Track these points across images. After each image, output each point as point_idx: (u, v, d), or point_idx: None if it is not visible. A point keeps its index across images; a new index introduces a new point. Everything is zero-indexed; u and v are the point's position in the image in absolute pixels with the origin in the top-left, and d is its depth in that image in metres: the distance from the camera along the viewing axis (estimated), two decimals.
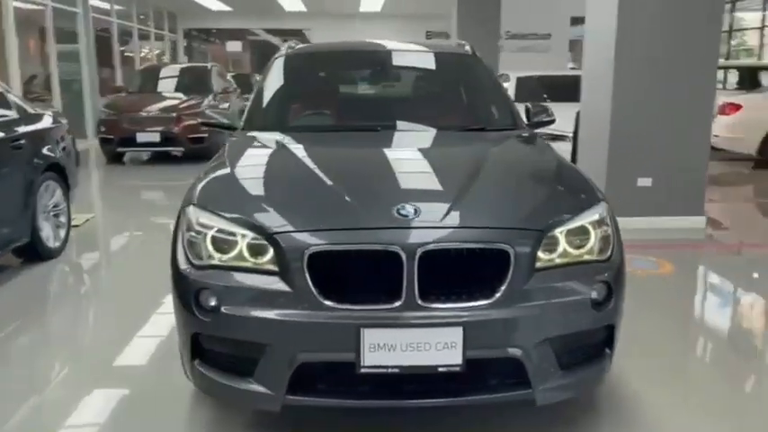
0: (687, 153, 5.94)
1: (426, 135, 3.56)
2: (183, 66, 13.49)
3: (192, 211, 2.59)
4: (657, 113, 5.86)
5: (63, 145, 5.59)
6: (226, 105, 12.42)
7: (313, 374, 2.36)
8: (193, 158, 10.41)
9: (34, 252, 4.96)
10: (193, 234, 2.52)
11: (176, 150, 10.54)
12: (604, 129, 6.00)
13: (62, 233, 5.35)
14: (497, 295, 2.29)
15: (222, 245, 2.45)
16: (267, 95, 3.86)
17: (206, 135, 10.44)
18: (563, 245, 2.45)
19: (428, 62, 4.17)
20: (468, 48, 4.23)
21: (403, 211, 2.38)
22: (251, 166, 3.02)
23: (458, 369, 2.27)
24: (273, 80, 3.96)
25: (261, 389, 2.36)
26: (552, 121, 3.93)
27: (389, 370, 2.27)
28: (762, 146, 9.57)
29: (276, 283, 2.33)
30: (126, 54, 16.65)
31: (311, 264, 2.28)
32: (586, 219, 2.54)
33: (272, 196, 2.62)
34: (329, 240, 2.32)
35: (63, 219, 5.39)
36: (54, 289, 4.77)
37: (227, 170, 2.92)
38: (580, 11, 18.70)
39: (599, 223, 2.56)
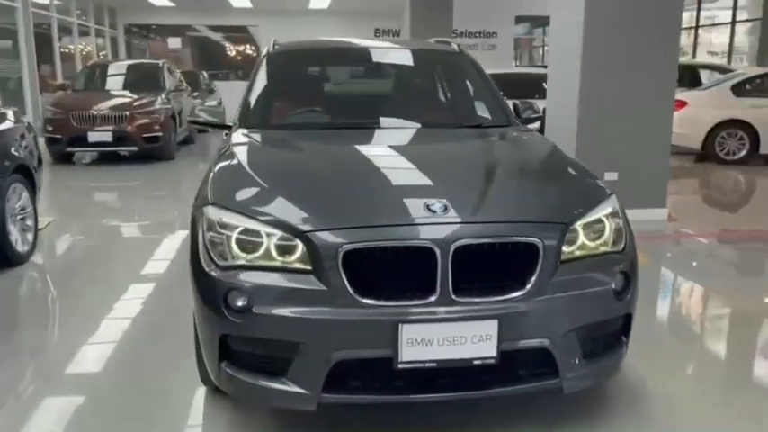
0: (651, 148, 6.19)
1: (430, 132, 3.60)
2: (132, 63, 13.05)
3: (213, 211, 2.54)
4: (623, 111, 6.07)
5: (25, 144, 5.37)
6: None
7: (345, 372, 2.36)
8: (142, 158, 10.19)
9: (3, 257, 4.75)
10: (215, 234, 2.48)
11: (125, 150, 10.23)
12: (572, 125, 6.17)
13: (29, 237, 5.14)
14: (528, 287, 2.35)
15: (247, 244, 2.42)
16: (263, 93, 3.81)
17: (161, 134, 10.21)
18: (581, 237, 2.53)
19: (422, 60, 4.20)
20: (455, 45, 4.29)
21: (433, 207, 2.40)
22: (265, 165, 2.98)
23: (492, 361, 2.32)
24: (268, 77, 3.90)
25: (295, 388, 2.35)
26: (539, 118, 4.04)
27: (426, 364, 2.30)
28: (705, 141, 10.04)
29: (310, 282, 2.32)
30: (62, 50, 16.03)
31: (345, 261, 2.29)
32: (602, 212, 2.63)
33: (296, 194, 2.60)
34: (364, 238, 2.32)
35: (30, 222, 5.18)
36: (29, 295, 4.58)
37: (242, 168, 2.87)
38: (524, 10, 19.07)
39: (612, 215, 2.65)
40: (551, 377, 2.44)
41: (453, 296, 2.30)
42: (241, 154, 3.06)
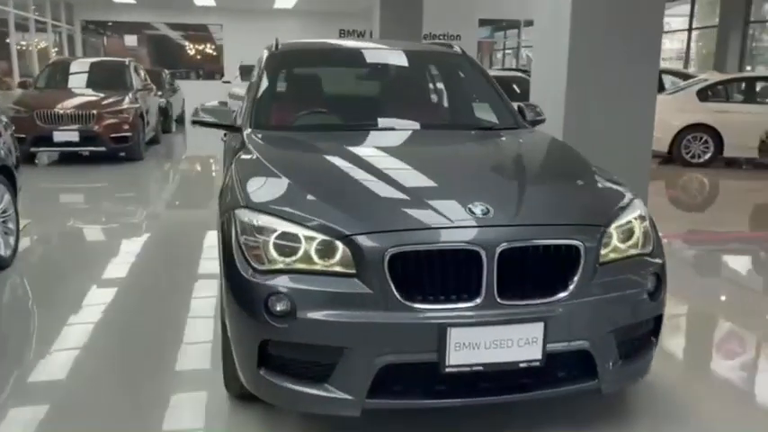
0: (634, 149, 6.29)
1: (449, 134, 3.59)
2: (97, 60, 12.64)
3: (247, 214, 2.48)
4: (607, 115, 6.14)
5: (3, 142, 5.17)
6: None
7: (388, 377, 2.32)
8: (109, 159, 9.89)
9: None
10: (251, 238, 2.43)
11: (87, 151, 9.90)
12: (557, 129, 6.24)
13: (11, 240, 4.93)
14: (571, 289, 2.36)
15: (285, 248, 2.37)
16: (274, 93, 3.74)
17: (130, 134, 9.94)
18: (615, 240, 2.55)
19: (430, 62, 4.19)
20: (458, 48, 4.29)
21: (476, 210, 2.39)
22: (293, 167, 2.92)
23: (538, 364, 2.33)
24: (278, 77, 3.83)
25: (339, 394, 2.31)
26: (543, 120, 4.07)
27: (473, 368, 2.29)
28: (671, 144, 10.32)
29: (354, 285, 2.29)
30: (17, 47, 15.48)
31: (391, 264, 2.26)
32: (632, 214, 2.66)
33: (332, 197, 2.56)
34: (410, 240, 2.30)
35: (11, 225, 4.96)
36: (16, 303, 4.39)
37: (270, 170, 2.81)
38: (487, 13, 19.30)
39: (641, 218, 2.69)
40: (590, 379, 2.46)
41: (498, 299, 2.30)
42: (265, 155, 2.99)
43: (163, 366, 3.27)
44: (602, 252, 2.50)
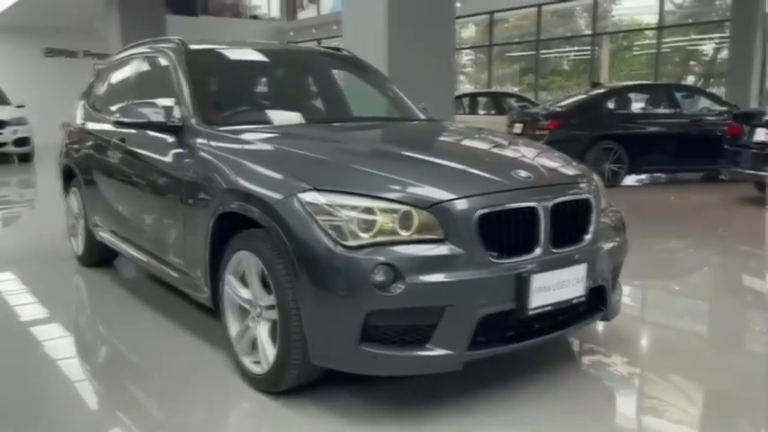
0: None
1: (406, 125, 3.87)
2: None
3: (315, 196, 2.51)
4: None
5: None
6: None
7: (479, 328, 2.50)
8: None
9: None
10: (330, 217, 2.46)
11: None
12: None
13: None
14: (591, 234, 2.84)
15: (366, 223, 2.46)
16: (218, 89, 3.58)
17: None
18: None
19: (338, 64, 4.39)
20: (346, 51, 4.54)
21: (523, 175, 2.73)
22: (323, 149, 2.96)
23: (583, 299, 2.76)
24: (208, 76, 3.65)
25: (441, 351, 2.45)
26: None
27: (545, 309, 2.62)
28: None
29: (448, 248, 2.46)
30: None
31: (479, 224, 2.49)
32: (595, 175, 3.25)
33: (395, 171, 2.68)
34: (492, 203, 2.55)
35: None
36: None
37: (296, 154, 2.88)
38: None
39: (599, 179, 3.29)
40: (601, 310, 2.96)
41: (552, 248, 2.67)
42: (279, 143, 3.03)
43: None
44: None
